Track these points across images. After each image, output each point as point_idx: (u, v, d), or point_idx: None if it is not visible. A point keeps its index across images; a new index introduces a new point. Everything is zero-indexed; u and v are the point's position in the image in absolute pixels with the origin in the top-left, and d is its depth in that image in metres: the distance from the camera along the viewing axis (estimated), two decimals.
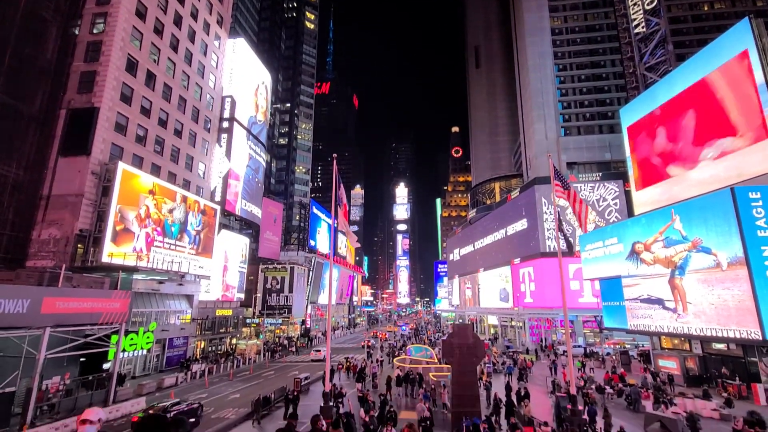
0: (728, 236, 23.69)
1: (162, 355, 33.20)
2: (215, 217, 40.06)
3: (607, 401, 22.21)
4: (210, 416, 20.01)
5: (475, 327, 61.10)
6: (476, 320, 68.98)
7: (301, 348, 50.75)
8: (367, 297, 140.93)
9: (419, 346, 33.97)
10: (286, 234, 68.29)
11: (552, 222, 49.34)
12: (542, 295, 47.92)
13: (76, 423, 3.46)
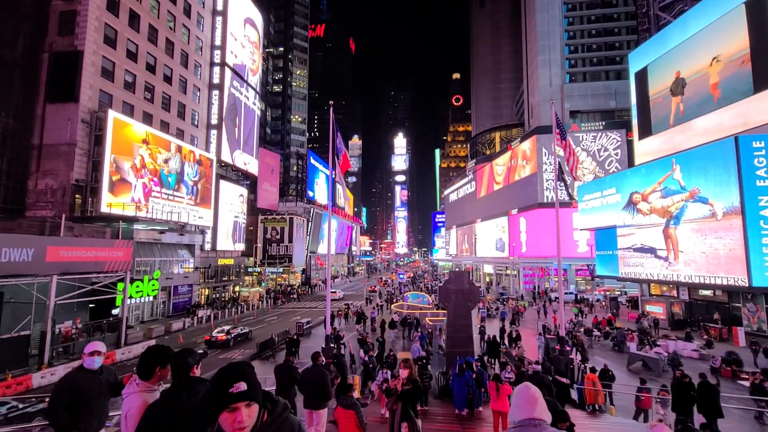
0: (727, 186, 23.70)
1: (168, 301, 34.37)
2: (212, 168, 39.62)
3: (595, 343, 23.45)
4: (217, 357, 21.12)
5: (471, 275, 62.91)
6: (472, 269, 70.83)
7: (302, 295, 52.51)
8: (365, 247, 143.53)
9: (416, 293, 35.18)
10: (284, 185, 67.95)
11: (551, 173, 49.04)
12: (537, 244, 48.81)
13: (83, 357, 3.57)
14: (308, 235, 63.16)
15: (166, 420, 2.51)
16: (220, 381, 1.54)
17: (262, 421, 1.62)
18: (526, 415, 2.40)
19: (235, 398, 1.49)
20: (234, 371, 1.57)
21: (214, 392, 1.55)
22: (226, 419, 1.51)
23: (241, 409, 1.50)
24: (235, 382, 1.51)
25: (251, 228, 53.47)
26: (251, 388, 1.53)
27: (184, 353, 2.76)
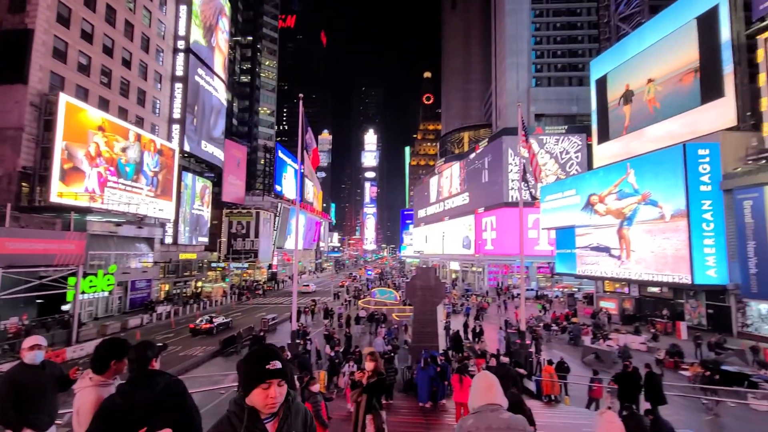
0: (675, 190, 25.38)
1: (125, 297, 32.77)
2: (174, 158, 38.01)
3: (553, 337, 24.53)
4: (177, 354, 20.41)
5: (438, 272, 64.01)
6: (439, 266, 72.07)
7: (268, 291, 51.55)
8: (334, 243, 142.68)
9: (384, 289, 35.41)
10: (251, 178, 66.15)
11: (516, 173, 50.65)
12: (502, 243, 50.33)
13: (22, 352, 3.39)
14: (275, 230, 62.03)
15: (122, 414, 2.44)
16: (257, 359, 1.66)
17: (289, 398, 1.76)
18: (484, 401, 2.51)
19: (271, 375, 1.62)
20: (270, 351, 1.71)
21: (250, 369, 1.66)
22: (260, 395, 1.62)
23: (274, 386, 1.63)
24: (271, 361, 1.63)
25: (215, 222, 51.84)
26: (284, 367, 1.66)
27: (143, 346, 2.68)
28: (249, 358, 1.70)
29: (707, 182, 24.34)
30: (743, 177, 23.22)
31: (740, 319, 23.63)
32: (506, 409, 2.50)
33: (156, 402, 2.51)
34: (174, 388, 2.62)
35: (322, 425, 5.49)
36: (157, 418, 2.47)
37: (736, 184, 23.36)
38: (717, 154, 24.29)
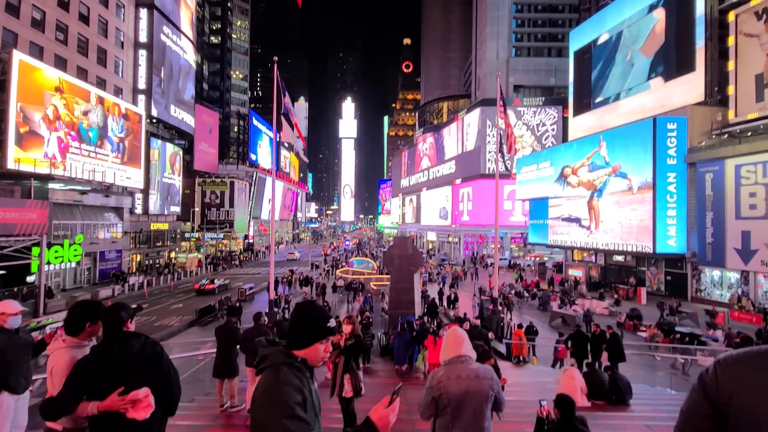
0: (643, 163, 26.27)
1: (94, 268, 31.83)
2: (140, 123, 36.14)
3: (523, 303, 25.65)
4: (153, 324, 20.22)
5: (415, 242, 64.92)
6: (416, 236, 73.03)
7: (244, 261, 51.15)
8: (311, 213, 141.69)
9: (361, 259, 35.78)
10: (224, 146, 63.91)
11: (494, 145, 51.02)
12: (478, 213, 51.24)
13: (2, 318, 3.30)
14: (251, 200, 60.84)
15: (96, 374, 2.42)
16: (319, 317, 1.73)
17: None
18: (454, 354, 2.65)
19: (331, 332, 1.74)
20: (324, 310, 1.80)
21: (315, 326, 1.71)
22: (317, 350, 1.70)
23: (328, 341, 1.74)
24: (330, 319, 1.74)
25: (188, 191, 50.25)
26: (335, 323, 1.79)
27: (117, 307, 2.64)
28: (312, 317, 1.74)
29: (673, 156, 25.29)
30: (706, 151, 24.22)
31: (695, 285, 25.31)
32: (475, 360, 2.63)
33: (132, 363, 2.50)
34: (150, 349, 2.60)
35: None
36: (134, 379, 2.47)
37: (700, 158, 24.37)
38: (684, 129, 25.14)
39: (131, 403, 2.39)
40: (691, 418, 1.19)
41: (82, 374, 2.41)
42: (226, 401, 6.57)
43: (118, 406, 2.38)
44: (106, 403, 2.38)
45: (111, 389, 2.41)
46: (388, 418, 1.49)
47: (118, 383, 2.42)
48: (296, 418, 1.46)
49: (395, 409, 1.51)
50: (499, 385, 2.70)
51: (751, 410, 1.05)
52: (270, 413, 1.47)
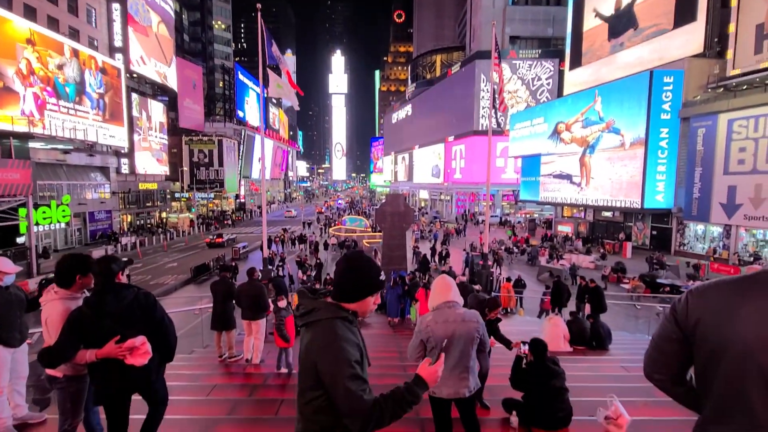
0: (637, 118, 26.04)
1: (84, 229, 31.63)
2: (120, 78, 34.52)
3: (513, 259, 26.29)
4: (148, 283, 20.47)
5: (407, 200, 65.07)
6: (409, 195, 73.15)
7: (237, 221, 51.14)
8: (303, 172, 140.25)
9: (354, 217, 35.99)
10: (210, 103, 61.67)
11: (488, 100, 49.95)
12: (471, 171, 51.12)
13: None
14: (240, 159, 59.74)
15: (91, 324, 2.46)
16: (372, 270, 1.72)
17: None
18: (442, 300, 2.74)
19: (382, 285, 1.76)
20: (377, 264, 1.78)
21: (369, 279, 1.71)
22: (368, 303, 1.72)
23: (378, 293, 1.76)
24: (381, 272, 1.75)
25: (174, 150, 49.05)
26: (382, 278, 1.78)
27: (107, 259, 2.65)
28: (366, 270, 1.71)
29: (668, 110, 25.05)
30: (701, 105, 24.00)
31: (679, 239, 26.04)
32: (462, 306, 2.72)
33: (125, 313, 2.55)
34: (143, 299, 2.65)
35: (283, 338, 5.85)
36: (128, 328, 2.52)
37: (694, 113, 24.19)
38: (680, 82, 24.73)
39: (129, 351, 2.46)
40: (660, 342, 1.27)
41: (77, 324, 2.45)
42: (224, 352, 6.81)
43: (116, 354, 2.45)
44: (103, 350, 2.45)
45: (107, 338, 2.47)
46: (436, 374, 1.65)
47: (114, 332, 2.48)
48: (357, 379, 1.51)
49: (441, 364, 1.69)
50: (484, 328, 2.82)
51: (712, 330, 1.13)
52: (334, 372, 1.51)
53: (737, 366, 1.09)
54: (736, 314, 1.11)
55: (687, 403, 1.31)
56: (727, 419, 1.12)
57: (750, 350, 1.06)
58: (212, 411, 4.34)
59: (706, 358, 1.17)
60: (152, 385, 2.74)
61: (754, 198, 20.95)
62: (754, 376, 1.05)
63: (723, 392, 1.13)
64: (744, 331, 1.08)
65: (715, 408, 1.17)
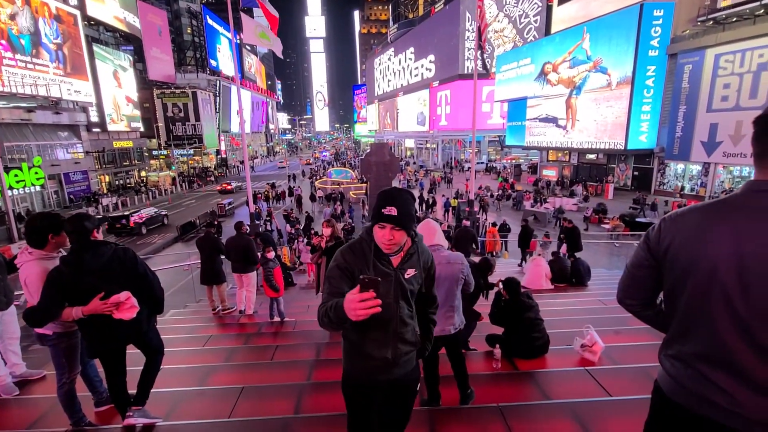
0: (624, 56, 25.43)
1: (61, 191, 30.68)
2: (77, 26, 31.82)
3: (500, 205, 26.69)
4: (135, 243, 20.32)
5: (393, 150, 64.21)
6: (394, 144, 72.07)
7: (220, 177, 50.15)
8: (284, 125, 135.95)
9: (339, 169, 35.58)
10: (180, 52, 57.81)
11: (473, 41, 47.86)
12: (456, 117, 50.16)
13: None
14: (217, 112, 57.31)
15: (72, 281, 2.44)
16: (379, 199, 1.69)
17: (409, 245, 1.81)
18: (427, 243, 2.77)
19: (384, 218, 1.65)
20: (392, 196, 1.68)
21: (374, 207, 1.71)
22: (377, 233, 1.71)
23: (388, 229, 1.66)
24: (389, 206, 1.64)
25: (146, 105, 46.64)
26: (401, 215, 1.65)
27: (79, 217, 2.58)
28: (378, 196, 1.72)
29: (656, 46, 24.48)
30: (689, 40, 23.47)
31: (659, 178, 26.61)
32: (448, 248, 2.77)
33: (105, 269, 2.53)
34: (122, 255, 2.63)
35: (272, 288, 5.97)
36: (111, 284, 2.51)
37: (682, 48, 23.71)
38: (670, 16, 23.94)
39: (115, 306, 2.47)
40: (633, 269, 1.33)
41: (57, 282, 2.43)
42: (217, 305, 6.95)
43: (102, 310, 2.45)
44: (89, 307, 2.45)
45: (90, 295, 2.46)
46: (351, 303, 1.47)
47: (96, 289, 2.47)
48: (330, 279, 1.72)
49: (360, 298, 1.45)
50: (468, 268, 2.90)
51: (682, 253, 1.18)
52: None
53: (702, 285, 1.14)
54: (705, 236, 1.15)
55: (656, 324, 1.39)
56: (691, 335, 1.20)
57: (714, 269, 1.11)
58: (209, 359, 4.49)
59: (675, 279, 1.22)
60: (144, 337, 2.79)
61: (734, 135, 21.24)
62: (717, 293, 1.11)
63: (688, 310, 1.20)
64: (710, 252, 1.13)
65: (680, 325, 1.24)
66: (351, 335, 1.84)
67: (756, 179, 1.15)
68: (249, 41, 13.47)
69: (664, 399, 1.27)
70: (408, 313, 1.84)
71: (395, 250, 1.73)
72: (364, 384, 1.86)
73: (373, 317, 1.55)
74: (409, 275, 1.80)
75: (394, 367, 1.84)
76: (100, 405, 3.14)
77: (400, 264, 1.77)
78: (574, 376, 3.62)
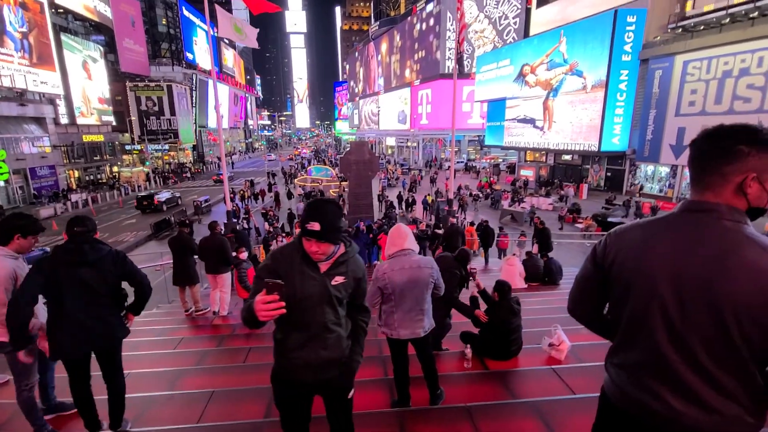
0: (599, 60, 26.17)
1: (27, 186, 29.35)
2: (44, 14, 30.43)
3: (478, 204, 27.06)
4: (106, 241, 19.62)
5: (374, 148, 64.21)
6: (375, 142, 72.01)
7: (196, 174, 49.00)
8: (264, 121, 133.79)
9: (319, 167, 35.30)
10: (154, 44, 55.97)
11: (453, 41, 48.25)
12: (437, 116, 50.52)
13: None
14: (194, 107, 55.92)
15: (67, 271, 2.48)
16: (305, 213, 1.74)
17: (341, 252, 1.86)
18: (398, 248, 2.81)
19: (307, 233, 1.71)
20: (316, 211, 1.71)
21: (301, 221, 1.78)
22: (304, 242, 1.76)
23: (313, 242, 1.72)
24: (312, 221, 1.68)
25: (118, 97, 45.04)
26: (324, 230, 1.68)
27: (87, 218, 2.66)
28: (304, 209, 1.77)
29: (629, 51, 25.28)
30: (660, 46, 24.34)
31: (630, 179, 27.54)
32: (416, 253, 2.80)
33: (102, 264, 2.58)
34: (116, 255, 2.70)
35: (245, 289, 5.91)
36: (103, 282, 2.58)
37: (653, 54, 24.57)
38: (643, 22, 24.76)
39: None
40: (582, 281, 1.39)
41: (44, 269, 2.46)
42: (190, 306, 6.81)
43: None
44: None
45: (81, 289, 2.52)
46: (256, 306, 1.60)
47: (89, 283, 2.53)
48: (257, 279, 1.80)
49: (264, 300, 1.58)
50: (438, 273, 2.95)
51: (625, 268, 1.25)
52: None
53: (642, 299, 1.21)
54: (645, 252, 1.22)
55: (603, 333, 1.46)
56: (633, 346, 1.27)
57: (653, 285, 1.18)
58: (180, 362, 4.41)
59: (619, 293, 1.29)
60: (114, 351, 2.75)
61: (707, 127, 22.10)
62: (656, 308, 1.18)
63: (630, 322, 1.27)
64: (650, 267, 1.20)
65: (623, 336, 1.31)
66: (277, 334, 1.91)
67: (692, 199, 1.23)
68: (225, 35, 13.16)
69: (609, 405, 1.35)
70: (333, 320, 1.87)
71: (324, 258, 1.79)
72: (288, 381, 1.91)
73: (296, 319, 1.77)
74: (337, 282, 1.83)
75: (316, 371, 1.88)
76: (47, 413, 3.04)
77: (329, 270, 1.82)
78: (541, 375, 3.73)
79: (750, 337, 1.05)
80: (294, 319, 1.78)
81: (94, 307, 2.57)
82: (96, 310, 2.57)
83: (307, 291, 1.77)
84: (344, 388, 2.00)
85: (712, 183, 1.17)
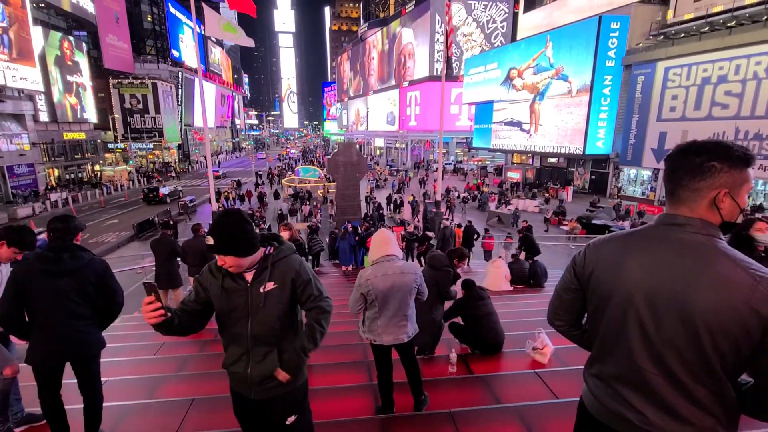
0: (584, 65, 26.63)
1: (4, 185, 28.49)
2: (25, 9, 29.61)
3: (465, 205, 27.23)
4: (87, 242, 19.18)
5: (362, 149, 64.17)
6: (364, 143, 71.94)
7: (181, 173, 48.22)
8: (251, 120, 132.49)
9: (307, 167, 35.03)
10: (139, 41, 54.90)
11: (442, 43, 48.53)
12: (425, 118, 50.71)
13: None
14: (180, 105, 55.02)
15: (43, 281, 2.38)
16: (210, 231, 1.71)
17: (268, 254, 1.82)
18: (381, 254, 2.80)
19: (210, 248, 1.69)
20: (213, 224, 1.71)
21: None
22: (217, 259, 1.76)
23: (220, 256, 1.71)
24: (209, 235, 1.67)
25: (101, 95, 44.07)
26: (218, 244, 1.67)
27: (68, 217, 2.56)
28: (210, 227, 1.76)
29: (613, 57, 25.79)
30: (642, 53, 24.90)
31: (614, 182, 28.08)
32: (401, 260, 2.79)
33: (81, 274, 2.47)
34: (98, 265, 2.58)
35: None
36: (81, 293, 2.47)
37: (636, 60, 25.11)
38: (626, 29, 25.30)
39: None
40: (561, 292, 1.40)
41: (22, 280, 2.36)
42: None
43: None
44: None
45: (59, 299, 2.41)
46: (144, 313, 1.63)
47: (67, 293, 2.42)
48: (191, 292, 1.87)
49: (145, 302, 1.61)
50: (422, 278, 2.94)
51: (602, 280, 1.27)
52: None
53: (619, 311, 1.22)
54: (622, 265, 1.23)
55: (582, 344, 1.47)
56: (610, 357, 1.28)
57: (630, 297, 1.19)
58: (159, 369, 4.31)
59: (597, 304, 1.30)
60: (90, 363, 2.63)
61: (680, 143, 22.68)
62: (632, 319, 1.19)
63: (607, 334, 1.28)
64: (626, 280, 1.21)
65: (601, 347, 1.32)
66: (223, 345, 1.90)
67: (668, 212, 1.24)
68: (211, 34, 12.94)
69: (587, 414, 1.35)
70: (267, 332, 1.79)
71: (245, 269, 1.76)
72: (235, 394, 1.92)
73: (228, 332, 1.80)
74: (267, 289, 1.77)
75: (251, 387, 1.82)
76: (17, 425, 2.91)
77: (254, 279, 1.78)
78: (524, 379, 3.76)
79: (722, 350, 1.07)
80: (227, 332, 1.80)
81: (71, 319, 2.46)
82: (73, 321, 2.47)
83: (233, 302, 1.76)
84: (285, 411, 1.87)
85: (686, 198, 1.19)
